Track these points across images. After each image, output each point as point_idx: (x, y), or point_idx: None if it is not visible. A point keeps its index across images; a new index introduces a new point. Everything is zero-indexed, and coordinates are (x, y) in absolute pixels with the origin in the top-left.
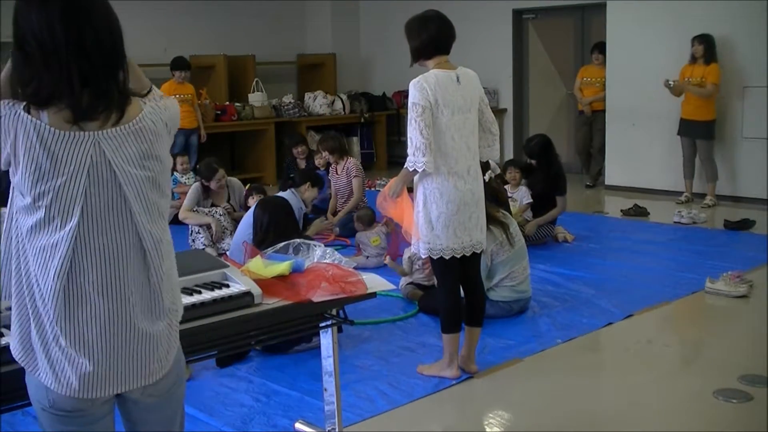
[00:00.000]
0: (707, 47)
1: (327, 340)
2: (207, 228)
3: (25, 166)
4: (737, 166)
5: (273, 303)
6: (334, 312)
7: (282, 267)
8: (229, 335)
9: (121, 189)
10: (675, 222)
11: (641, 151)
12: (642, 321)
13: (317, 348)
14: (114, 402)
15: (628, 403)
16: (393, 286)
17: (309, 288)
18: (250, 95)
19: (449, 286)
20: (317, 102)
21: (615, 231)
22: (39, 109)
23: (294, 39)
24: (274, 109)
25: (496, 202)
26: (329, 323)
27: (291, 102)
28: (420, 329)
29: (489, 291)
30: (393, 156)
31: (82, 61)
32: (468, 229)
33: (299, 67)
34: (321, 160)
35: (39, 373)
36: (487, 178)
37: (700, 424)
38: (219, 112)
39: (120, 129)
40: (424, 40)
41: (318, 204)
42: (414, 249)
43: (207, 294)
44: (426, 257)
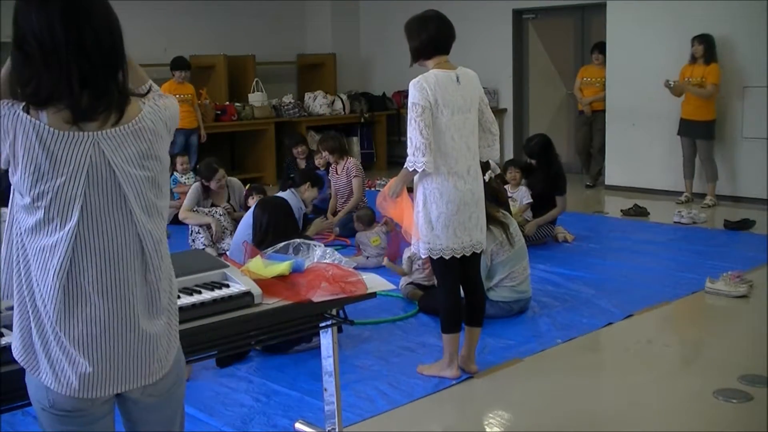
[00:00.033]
0: (707, 47)
1: (327, 340)
2: (207, 228)
3: (25, 166)
4: (737, 166)
5: (273, 303)
6: (334, 312)
7: (282, 267)
8: (229, 335)
9: (121, 189)
10: (675, 222)
11: (641, 151)
12: (642, 321)
13: (317, 348)
14: (114, 402)
15: (628, 403)
16: (393, 286)
17: (309, 288)
18: (250, 95)
19: (449, 286)
20: (317, 102)
21: (615, 231)
22: (38, 110)
23: (294, 39)
24: (274, 109)
25: (496, 202)
26: (329, 323)
27: (291, 102)
28: (420, 329)
29: (489, 291)
30: (393, 156)
31: (81, 62)
32: (468, 229)
33: (299, 67)
34: (321, 160)
35: (39, 373)
36: (487, 178)
37: (700, 424)
38: (219, 112)
39: (119, 129)
40: (423, 40)
41: (318, 204)
42: (414, 249)
43: (207, 294)
44: (426, 257)
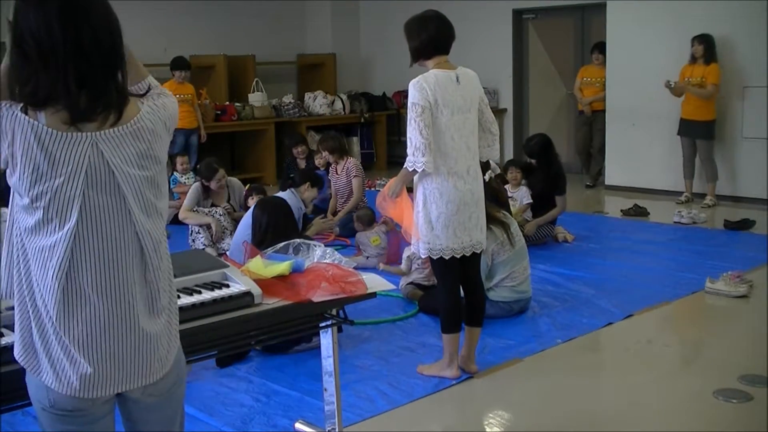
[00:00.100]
0: (707, 47)
1: (327, 340)
2: (207, 228)
3: (23, 166)
4: (737, 166)
5: (273, 303)
6: (334, 312)
7: (282, 267)
8: (229, 335)
9: (120, 189)
10: (675, 222)
11: (641, 151)
12: (642, 321)
13: (317, 348)
14: (114, 401)
15: (628, 403)
16: (393, 286)
17: (309, 288)
18: (250, 95)
19: (449, 286)
20: (317, 102)
21: (615, 231)
22: (36, 110)
23: (294, 39)
24: (274, 109)
25: (496, 202)
26: (329, 323)
27: (291, 102)
28: (420, 329)
29: (489, 291)
30: (393, 156)
31: (79, 61)
32: (468, 229)
33: (299, 67)
34: (321, 160)
35: (40, 373)
36: (487, 177)
37: (700, 424)
38: (219, 112)
39: (118, 129)
40: (423, 40)
41: (318, 204)
42: (414, 249)
43: (207, 294)
44: (426, 257)
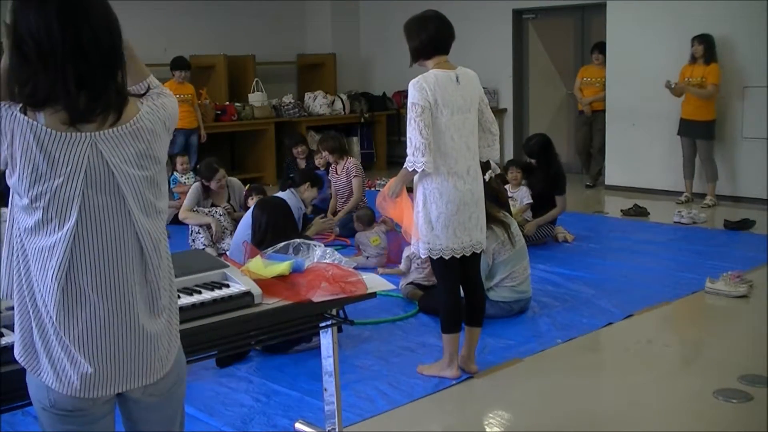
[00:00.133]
0: (707, 47)
1: (327, 340)
2: (207, 228)
3: (23, 167)
4: (737, 166)
5: (273, 303)
6: (334, 312)
7: (282, 267)
8: (229, 335)
9: (119, 189)
10: (675, 222)
11: (641, 151)
12: (642, 321)
13: (317, 348)
14: (115, 401)
15: (628, 403)
16: (393, 286)
17: (309, 288)
18: (250, 95)
19: (449, 286)
20: (317, 102)
21: (615, 231)
22: (35, 110)
23: (294, 39)
24: (274, 109)
25: (496, 202)
26: (329, 323)
27: (291, 102)
28: (420, 329)
29: (489, 291)
30: (393, 156)
31: (79, 62)
32: (468, 229)
33: (299, 67)
34: (321, 160)
35: (41, 373)
36: (488, 177)
37: (700, 424)
38: (219, 112)
39: (117, 129)
40: (423, 40)
41: (318, 204)
42: (414, 249)
43: (207, 294)
44: (425, 257)
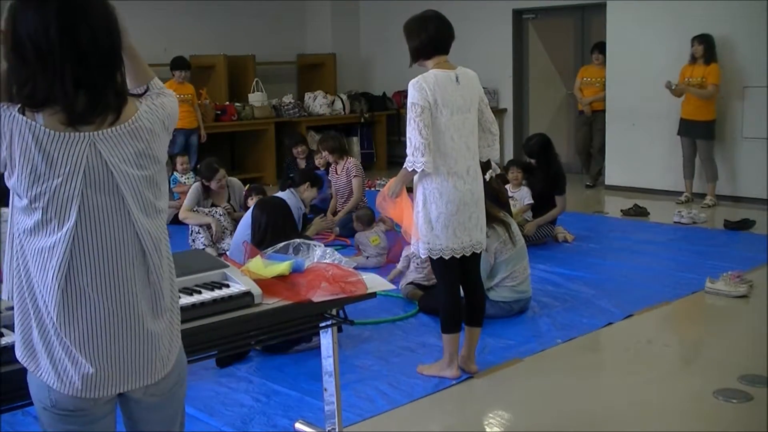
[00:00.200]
0: (707, 47)
1: (327, 340)
2: (207, 228)
3: (22, 167)
4: (737, 166)
5: (273, 303)
6: (334, 312)
7: (282, 267)
8: (229, 335)
9: (119, 189)
10: (675, 222)
11: (641, 151)
12: (642, 321)
13: (317, 348)
14: (116, 401)
15: (628, 403)
16: (393, 286)
17: (309, 288)
18: (250, 95)
19: (449, 286)
20: (317, 102)
21: (615, 231)
22: (34, 111)
23: (294, 39)
24: (274, 109)
25: (496, 202)
26: (329, 323)
27: (291, 102)
28: (420, 329)
29: (489, 291)
30: (393, 156)
31: (77, 62)
32: (468, 229)
33: (299, 67)
34: (321, 160)
35: (41, 373)
36: (488, 177)
37: (700, 424)
38: (219, 112)
39: (116, 129)
40: (423, 40)
41: (318, 204)
42: (414, 249)
43: (207, 294)
44: (425, 257)
